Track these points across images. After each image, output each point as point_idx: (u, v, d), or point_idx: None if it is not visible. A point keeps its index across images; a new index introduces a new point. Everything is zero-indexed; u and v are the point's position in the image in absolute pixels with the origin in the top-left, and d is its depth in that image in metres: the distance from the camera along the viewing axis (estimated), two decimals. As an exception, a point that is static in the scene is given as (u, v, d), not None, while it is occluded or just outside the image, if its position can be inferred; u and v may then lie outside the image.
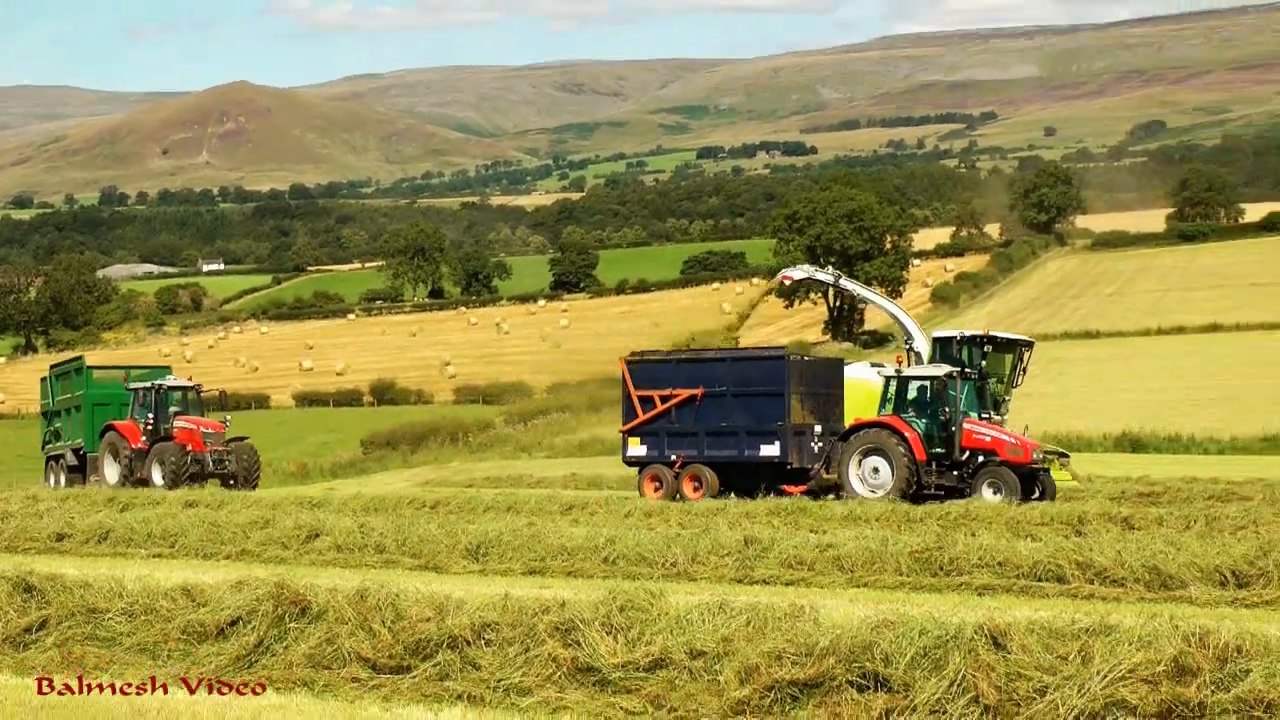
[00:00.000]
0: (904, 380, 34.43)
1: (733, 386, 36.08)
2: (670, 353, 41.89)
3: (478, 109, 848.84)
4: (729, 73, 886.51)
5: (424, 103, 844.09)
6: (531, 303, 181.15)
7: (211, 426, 45.09)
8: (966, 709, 10.55)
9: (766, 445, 35.22)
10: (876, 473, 33.04)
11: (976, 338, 36.08)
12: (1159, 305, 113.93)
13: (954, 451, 33.06)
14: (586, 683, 11.97)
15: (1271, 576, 18.07)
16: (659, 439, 36.64)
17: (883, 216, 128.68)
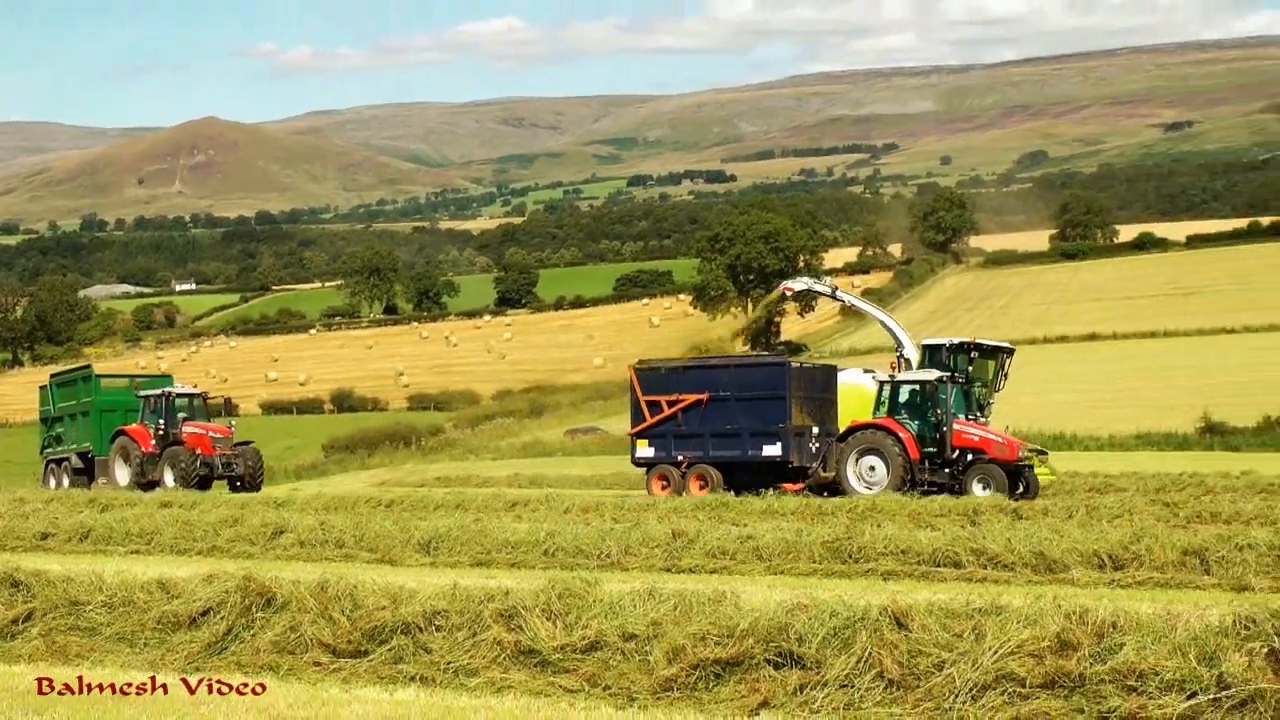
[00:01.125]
0: (897, 385, 34.51)
1: (736, 391, 35.72)
2: (676, 361, 41.32)
3: (427, 141, 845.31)
4: (656, 108, 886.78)
5: (378, 136, 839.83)
6: (478, 318, 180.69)
7: (219, 431, 44.55)
8: (872, 683, 10.57)
9: (769, 446, 34.96)
10: (873, 470, 33.06)
11: (963, 345, 36.05)
12: (1044, 317, 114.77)
13: (945, 451, 33.07)
14: (528, 664, 11.94)
15: (1144, 560, 18.21)
16: (666, 441, 36.35)
17: (796, 238, 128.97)
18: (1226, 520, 22.66)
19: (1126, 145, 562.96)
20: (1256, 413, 54.53)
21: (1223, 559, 17.87)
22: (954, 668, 10.36)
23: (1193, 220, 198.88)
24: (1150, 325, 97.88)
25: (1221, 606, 10.96)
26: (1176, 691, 9.60)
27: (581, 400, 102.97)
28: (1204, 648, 9.87)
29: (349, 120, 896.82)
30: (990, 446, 33.06)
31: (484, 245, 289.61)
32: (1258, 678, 9.49)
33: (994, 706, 10.03)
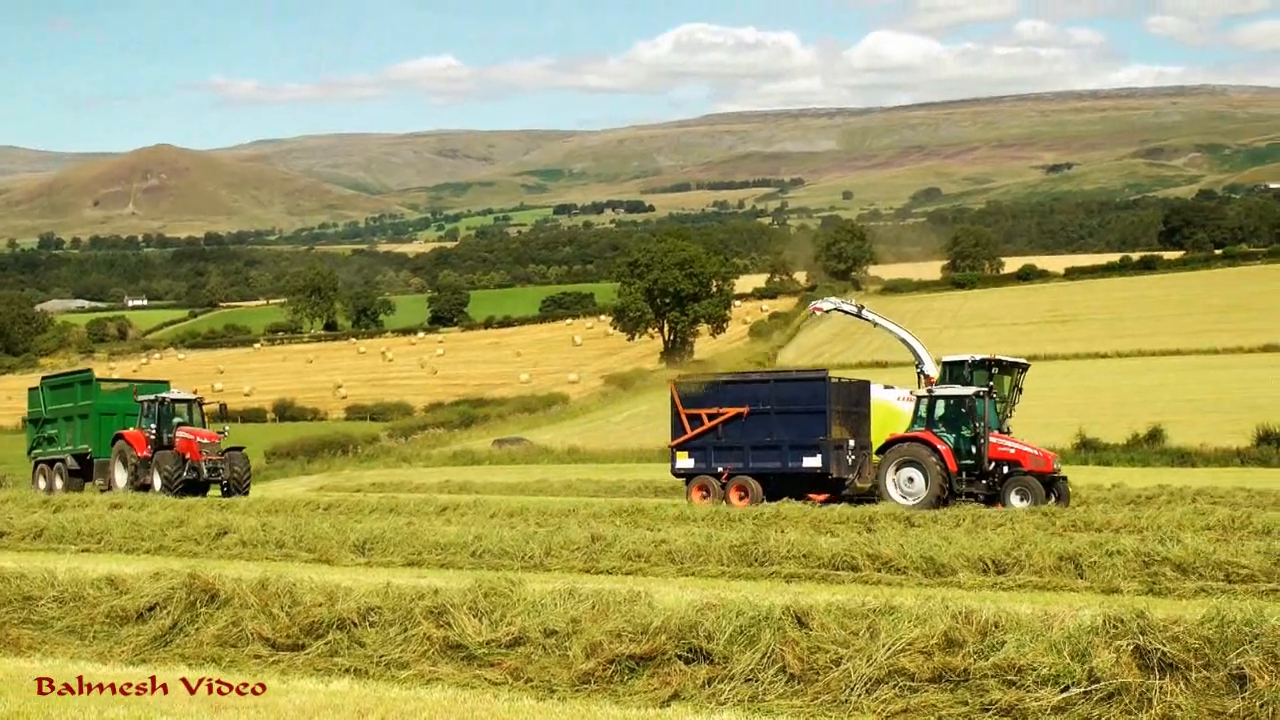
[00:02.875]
0: (934, 399, 33.47)
1: (777, 405, 34.47)
2: (715, 375, 39.80)
3: (367, 169, 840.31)
4: (580, 142, 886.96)
5: (321, 164, 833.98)
6: (412, 335, 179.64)
7: (207, 437, 42.60)
8: (775, 677, 10.61)
9: (809, 457, 33.76)
10: (911, 482, 32.13)
11: (984, 361, 35.31)
12: (936, 341, 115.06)
13: (983, 463, 32.20)
14: (455, 658, 11.89)
15: (1024, 565, 18.38)
16: (705, 453, 35.09)
17: (709, 264, 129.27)
18: (1098, 529, 22.91)
19: (1012, 184, 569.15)
20: (1126, 430, 55.11)
21: (1095, 564, 18.06)
22: (850, 663, 10.42)
23: (1071, 254, 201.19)
24: (1032, 349, 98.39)
25: (1093, 608, 11.08)
26: (1052, 685, 9.70)
27: (508, 413, 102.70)
28: (1077, 645, 9.98)
29: (294, 149, 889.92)
30: (1026, 459, 32.29)
31: (419, 267, 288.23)
32: (1124, 672, 9.61)
33: (887, 699, 10.09)
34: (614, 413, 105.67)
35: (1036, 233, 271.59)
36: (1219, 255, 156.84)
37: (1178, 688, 9.43)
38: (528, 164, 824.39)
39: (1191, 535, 19.85)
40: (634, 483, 47.21)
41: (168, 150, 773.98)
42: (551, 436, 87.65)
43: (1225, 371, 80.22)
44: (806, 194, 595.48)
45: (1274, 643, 9.48)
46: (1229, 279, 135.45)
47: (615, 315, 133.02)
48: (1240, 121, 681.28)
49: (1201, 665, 9.53)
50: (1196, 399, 68.34)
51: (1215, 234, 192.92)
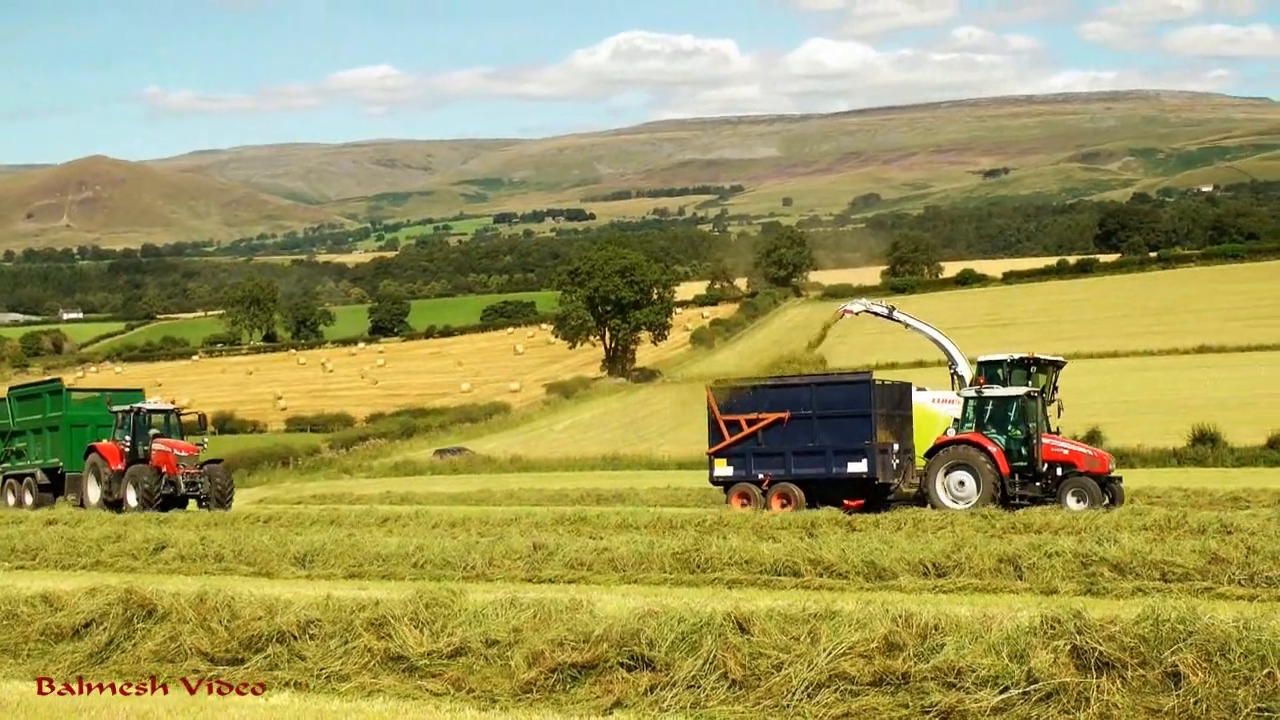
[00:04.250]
0: (984, 400, 32.57)
1: (819, 409, 33.49)
2: (755, 380, 38.59)
3: (306, 180, 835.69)
4: (520, 151, 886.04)
5: (259, 175, 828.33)
6: (352, 345, 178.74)
7: (185, 449, 40.61)
8: (717, 683, 10.63)
9: (854, 462, 32.74)
10: (962, 485, 31.38)
11: (1023, 360, 34.71)
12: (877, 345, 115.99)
13: (1036, 464, 31.49)
14: (397, 669, 11.85)
15: (964, 567, 18.51)
16: (745, 460, 34.07)
17: (650, 272, 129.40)
18: (1037, 530, 23.09)
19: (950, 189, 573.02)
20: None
21: (1033, 565, 18.21)
22: (792, 668, 10.45)
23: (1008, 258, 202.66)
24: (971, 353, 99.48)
25: (1031, 609, 11.18)
26: (991, 686, 9.77)
27: (450, 422, 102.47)
28: (1015, 646, 10.06)
29: (231, 160, 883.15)
30: (1081, 459, 31.71)
31: (359, 278, 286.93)
32: (1062, 672, 9.69)
33: (828, 703, 10.13)
34: (556, 421, 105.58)
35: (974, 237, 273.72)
36: (1154, 258, 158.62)
37: (1114, 686, 9.53)
38: (467, 173, 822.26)
39: (1128, 535, 20.06)
40: (576, 491, 47.18)
41: (103, 162, 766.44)
42: (493, 446, 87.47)
43: (1161, 373, 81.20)
44: (746, 201, 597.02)
45: (1208, 640, 9.59)
46: (1163, 282, 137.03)
47: (556, 324, 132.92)
48: (1173, 126, 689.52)
49: (1137, 664, 9.63)
50: (1133, 400, 69.13)
51: (1150, 237, 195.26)
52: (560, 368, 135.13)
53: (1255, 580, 16.92)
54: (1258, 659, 9.33)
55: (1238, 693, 9.19)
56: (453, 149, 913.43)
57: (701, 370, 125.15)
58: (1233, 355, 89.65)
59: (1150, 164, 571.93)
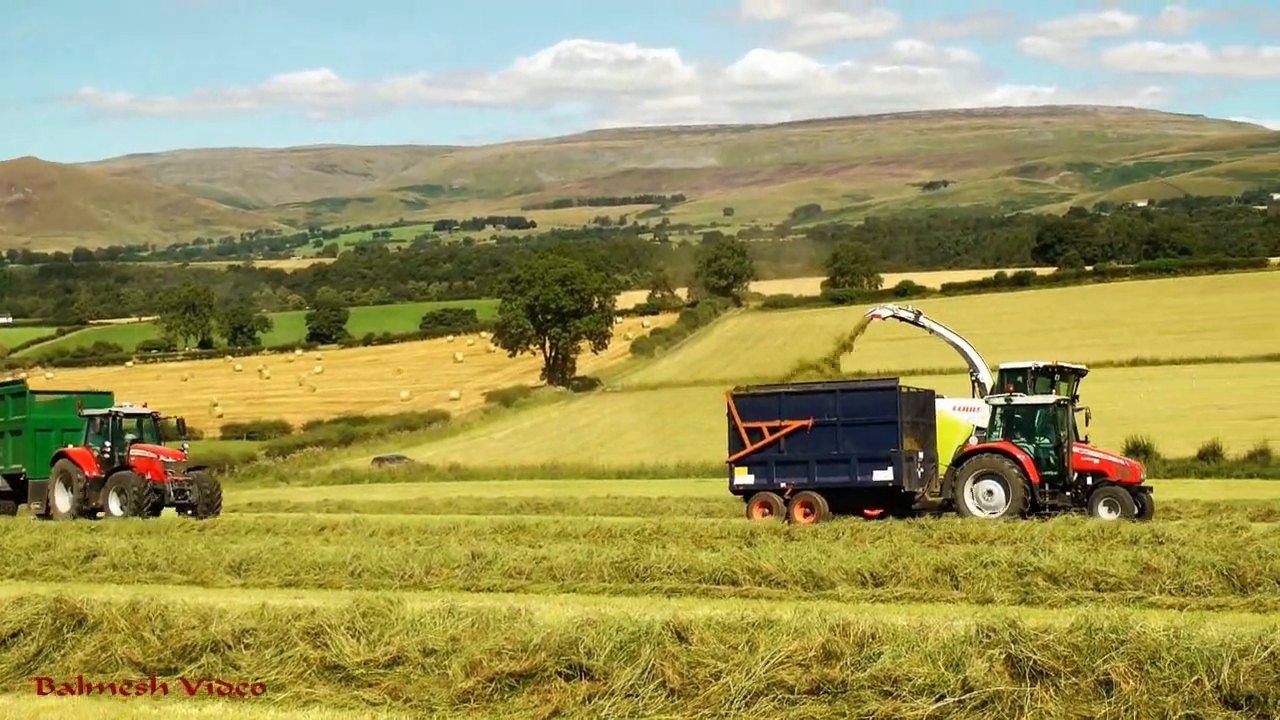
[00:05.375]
0: (1013, 408, 32.04)
1: (844, 416, 32.47)
2: (777, 386, 37.39)
3: (243, 185, 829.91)
4: (461, 158, 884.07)
5: (195, 179, 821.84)
6: (290, 352, 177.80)
7: (171, 455, 39.13)
8: (655, 692, 10.65)
9: (879, 471, 31.79)
10: (991, 495, 30.99)
11: (1047, 368, 34.31)
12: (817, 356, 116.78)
13: (1067, 474, 31.03)
14: (333, 679, 11.79)
15: (901, 576, 18.61)
16: (767, 468, 33.01)
17: (591, 280, 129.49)
18: (973, 540, 23.26)
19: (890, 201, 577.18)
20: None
21: (969, 575, 18.34)
22: (730, 677, 10.49)
23: (947, 270, 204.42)
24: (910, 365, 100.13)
25: (967, 618, 11.27)
26: (927, 695, 9.85)
27: (389, 430, 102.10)
28: (951, 655, 10.15)
29: (167, 163, 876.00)
30: (1112, 469, 31.27)
31: (296, 284, 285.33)
32: (997, 681, 9.79)
33: (766, 712, 10.17)
34: (495, 430, 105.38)
35: (914, 249, 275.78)
36: (1090, 272, 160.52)
37: (1048, 694, 9.63)
38: (407, 179, 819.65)
39: (1063, 545, 20.25)
40: (515, 500, 47.13)
41: (34, 163, 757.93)
42: (432, 454, 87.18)
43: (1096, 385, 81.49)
44: (687, 210, 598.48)
45: (1139, 649, 9.72)
46: (1099, 295, 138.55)
47: (496, 332, 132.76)
48: (1110, 141, 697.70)
49: (1070, 672, 9.74)
50: (1069, 412, 69.68)
51: (1086, 251, 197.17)
52: (500, 376, 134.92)
53: (1185, 590, 17.15)
54: (1187, 667, 9.48)
55: (1167, 700, 9.32)
56: (393, 155, 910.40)
57: (642, 379, 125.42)
58: (1166, 368, 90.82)
59: (1087, 178, 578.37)
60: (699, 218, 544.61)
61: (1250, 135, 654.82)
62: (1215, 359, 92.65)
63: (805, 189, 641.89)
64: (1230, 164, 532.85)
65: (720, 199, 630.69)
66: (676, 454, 74.05)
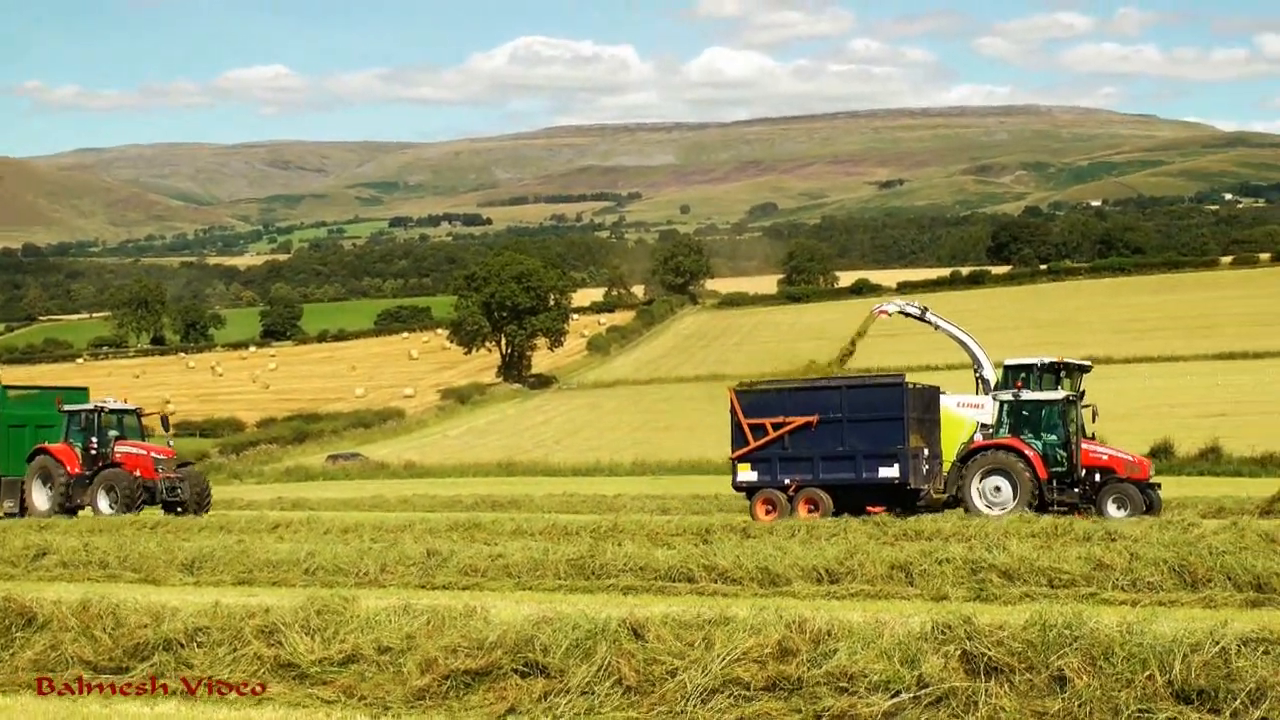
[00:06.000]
0: (1020, 404, 31.89)
1: (849, 413, 32.27)
2: (781, 382, 36.90)
3: (195, 180, 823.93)
4: (417, 154, 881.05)
5: (147, 174, 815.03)
6: (243, 349, 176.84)
7: (162, 452, 38.58)
8: (611, 689, 10.65)
9: (885, 467, 31.62)
10: (998, 491, 30.73)
11: (1053, 365, 34.18)
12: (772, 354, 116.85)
13: (1075, 470, 30.86)
14: (287, 677, 11.74)
15: (857, 573, 18.67)
16: (770, 465, 32.79)
17: (547, 278, 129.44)
18: (928, 537, 23.35)
19: (846, 199, 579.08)
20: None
21: (925, 572, 18.42)
22: (686, 674, 10.50)
23: (903, 268, 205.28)
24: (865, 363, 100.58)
25: (922, 615, 11.33)
26: (883, 691, 9.89)
27: (343, 428, 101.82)
28: (907, 651, 10.19)
29: (117, 158, 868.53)
30: (1120, 465, 31.12)
31: (250, 280, 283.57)
32: (952, 677, 9.85)
33: (722, 709, 10.19)
34: (451, 427, 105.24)
35: (870, 247, 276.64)
36: (1044, 271, 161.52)
37: (1002, 690, 9.69)
38: (362, 176, 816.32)
39: (1017, 542, 20.35)
40: (471, 497, 47.09)
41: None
42: (387, 451, 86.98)
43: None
44: (644, 208, 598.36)
45: (1092, 645, 9.79)
46: (1053, 294, 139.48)
47: (452, 329, 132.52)
48: (1064, 141, 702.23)
49: (1025, 668, 9.80)
50: (1023, 410, 70.10)
51: (1040, 250, 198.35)
52: (455, 373, 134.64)
53: (1138, 586, 17.28)
54: (1140, 662, 9.55)
55: (1120, 695, 9.40)
56: (348, 151, 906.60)
57: (598, 377, 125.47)
58: (1119, 366, 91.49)
59: (1041, 178, 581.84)
60: (655, 215, 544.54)
61: (1202, 136, 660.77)
62: (1167, 358, 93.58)
63: (761, 187, 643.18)
64: (1182, 164, 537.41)
65: (677, 197, 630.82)
66: (632, 451, 74.20)
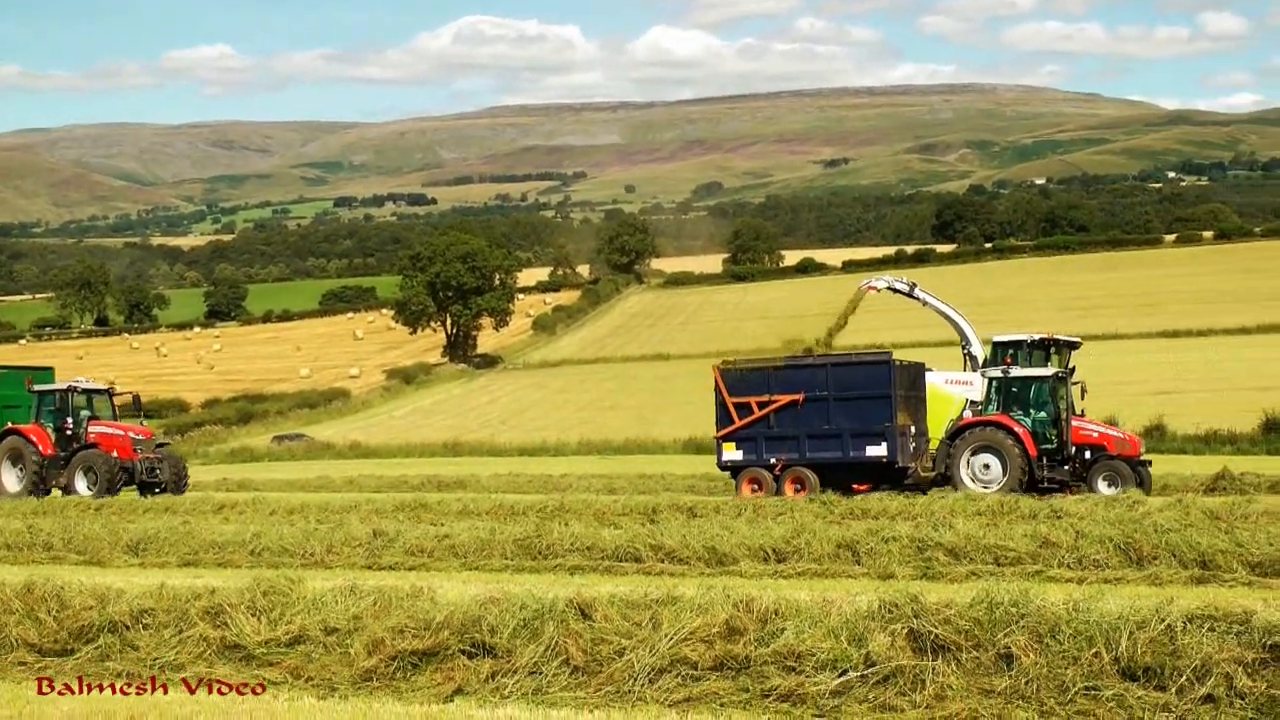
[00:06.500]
0: (1010, 380, 31.47)
1: (836, 391, 32.09)
2: (766, 361, 36.37)
3: (139, 160, 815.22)
4: (361, 134, 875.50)
5: (90, 155, 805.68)
6: (188, 330, 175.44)
7: (140, 432, 38.43)
8: (559, 669, 10.63)
9: (873, 446, 31.51)
10: (988, 469, 30.42)
11: (1042, 341, 34.00)
12: (717, 333, 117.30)
13: (1065, 447, 30.61)
14: (234, 658, 11.66)
15: (804, 552, 18.72)
16: (756, 443, 32.63)
17: (492, 257, 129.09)
18: (875, 516, 23.45)
19: (791, 179, 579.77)
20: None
21: (871, 550, 18.50)
22: (633, 654, 10.49)
23: (848, 247, 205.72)
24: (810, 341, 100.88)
25: (869, 593, 11.36)
26: (830, 670, 9.92)
27: (289, 408, 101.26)
28: (854, 630, 10.22)
29: (61, 139, 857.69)
30: (1111, 442, 30.92)
31: (194, 261, 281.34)
32: (899, 655, 9.88)
33: (669, 688, 10.19)
34: (396, 407, 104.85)
35: (815, 226, 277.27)
36: (989, 249, 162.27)
37: (949, 668, 9.73)
38: (306, 156, 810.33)
39: (963, 521, 20.48)
40: (417, 477, 46.93)
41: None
42: (333, 432, 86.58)
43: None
44: (589, 187, 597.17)
45: (1039, 623, 9.85)
46: (998, 272, 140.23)
47: (397, 309, 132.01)
48: (1008, 119, 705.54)
49: (971, 646, 9.84)
50: (967, 389, 70.51)
51: (985, 228, 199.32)
52: (401, 353, 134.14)
53: (1083, 563, 17.40)
54: (1085, 639, 9.61)
55: (1066, 672, 9.45)
56: (292, 131, 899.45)
57: (544, 356, 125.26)
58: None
59: (986, 156, 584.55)
60: (601, 195, 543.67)
61: (1145, 114, 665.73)
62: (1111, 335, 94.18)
63: (707, 166, 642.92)
64: (1126, 142, 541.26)
65: (622, 176, 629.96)
66: (578, 431, 74.14)
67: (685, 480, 40.31)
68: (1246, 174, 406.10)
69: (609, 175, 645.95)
